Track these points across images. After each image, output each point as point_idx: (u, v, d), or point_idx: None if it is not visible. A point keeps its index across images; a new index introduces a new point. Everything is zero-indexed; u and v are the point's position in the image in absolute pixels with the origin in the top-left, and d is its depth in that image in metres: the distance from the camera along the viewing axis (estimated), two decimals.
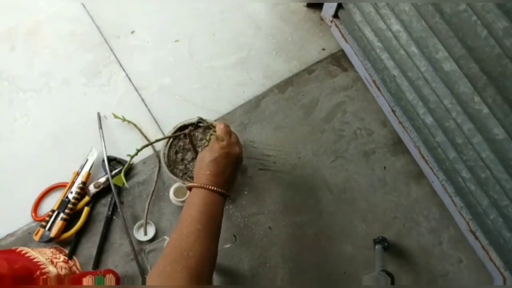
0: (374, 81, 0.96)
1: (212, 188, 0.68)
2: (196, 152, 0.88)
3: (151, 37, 1.08)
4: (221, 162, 0.71)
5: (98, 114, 0.97)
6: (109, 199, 0.91)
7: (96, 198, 0.91)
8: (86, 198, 0.90)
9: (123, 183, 0.78)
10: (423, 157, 0.91)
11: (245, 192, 0.94)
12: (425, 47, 0.73)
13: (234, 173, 0.73)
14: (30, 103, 1.00)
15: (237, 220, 0.92)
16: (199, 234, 0.62)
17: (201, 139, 0.90)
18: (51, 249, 0.85)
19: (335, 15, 1.02)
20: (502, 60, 0.58)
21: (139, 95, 1.02)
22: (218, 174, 0.70)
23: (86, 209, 0.89)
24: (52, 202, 0.90)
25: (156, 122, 0.99)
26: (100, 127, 0.95)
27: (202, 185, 0.68)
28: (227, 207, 0.92)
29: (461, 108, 0.72)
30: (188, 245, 0.61)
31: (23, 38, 1.06)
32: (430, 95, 0.78)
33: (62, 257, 0.83)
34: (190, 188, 0.70)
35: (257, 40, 1.08)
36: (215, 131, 0.79)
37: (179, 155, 0.88)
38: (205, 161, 0.71)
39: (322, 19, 1.10)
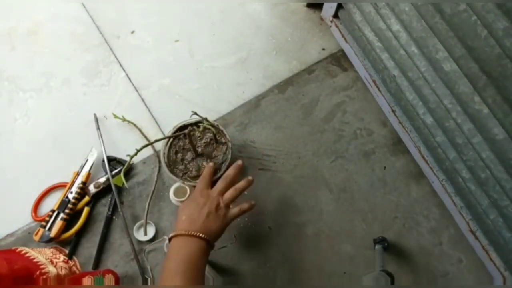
0: (374, 81, 0.95)
1: (190, 233, 0.66)
2: (196, 152, 0.88)
3: (151, 37, 1.08)
4: (195, 209, 0.70)
5: (95, 115, 0.97)
6: (109, 199, 0.91)
7: (96, 198, 0.91)
8: (86, 198, 0.90)
9: (123, 183, 0.78)
10: (423, 157, 0.90)
11: (245, 192, 0.94)
12: (425, 47, 0.72)
13: (216, 221, 0.71)
14: (30, 103, 1.00)
15: (237, 220, 0.91)
16: None
17: (201, 139, 0.90)
18: (51, 249, 0.85)
19: (335, 15, 1.02)
20: (502, 60, 0.58)
21: (139, 95, 1.02)
22: (195, 220, 0.69)
23: (86, 209, 0.89)
24: (52, 202, 0.90)
25: (156, 122, 0.99)
26: (98, 127, 0.95)
27: (178, 233, 0.66)
28: None
29: (461, 108, 0.72)
30: None
31: (23, 38, 1.06)
32: (430, 95, 0.78)
33: (62, 257, 0.83)
34: (170, 240, 0.68)
35: (257, 40, 1.08)
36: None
37: (179, 155, 0.88)
38: (183, 211, 0.71)
39: (322, 19, 1.10)
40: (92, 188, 0.90)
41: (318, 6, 1.11)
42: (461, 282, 0.89)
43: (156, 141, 0.79)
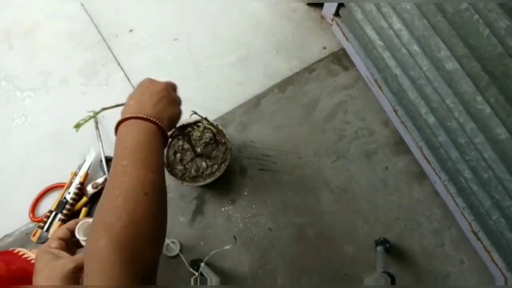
0: (375, 80, 0.95)
1: (138, 115, 0.57)
2: (195, 152, 0.87)
3: (149, 35, 1.07)
4: (145, 92, 0.61)
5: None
6: None
7: (94, 199, 0.91)
8: (84, 199, 0.89)
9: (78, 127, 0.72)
10: (425, 157, 0.90)
11: (245, 193, 0.93)
12: (427, 46, 0.72)
13: (168, 107, 0.62)
14: (27, 103, 0.99)
15: (236, 221, 0.91)
16: (125, 170, 0.52)
17: (200, 139, 0.89)
18: None
19: (336, 13, 1.00)
20: (505, 59, 0.57)
21: None
22: (145, 104, 0.59)
23: (84, 210, 0.88)
24: (50, 203, 0.89)
25: None
26: (97, 127, 0.94)
27: (125, 117, 0.57)
28: (226, 208, 0.92)
29: (463, 108, 0.71)
30: (115, 183, 0.51)
31: (21, 37, 1.05)
32: (432, 94, 0.77)
33: None
34: (117, 128, 0.59)
35: (257, 39, 1.07)
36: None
37: (178, 156, 0.87)
38: (131, 97, 0.61)
39: (323, 17, 1.09)
40: (90, 189, 0.90)
41: (319, 5, 1.10)
42: (463, 283, 0.89)
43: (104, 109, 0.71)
